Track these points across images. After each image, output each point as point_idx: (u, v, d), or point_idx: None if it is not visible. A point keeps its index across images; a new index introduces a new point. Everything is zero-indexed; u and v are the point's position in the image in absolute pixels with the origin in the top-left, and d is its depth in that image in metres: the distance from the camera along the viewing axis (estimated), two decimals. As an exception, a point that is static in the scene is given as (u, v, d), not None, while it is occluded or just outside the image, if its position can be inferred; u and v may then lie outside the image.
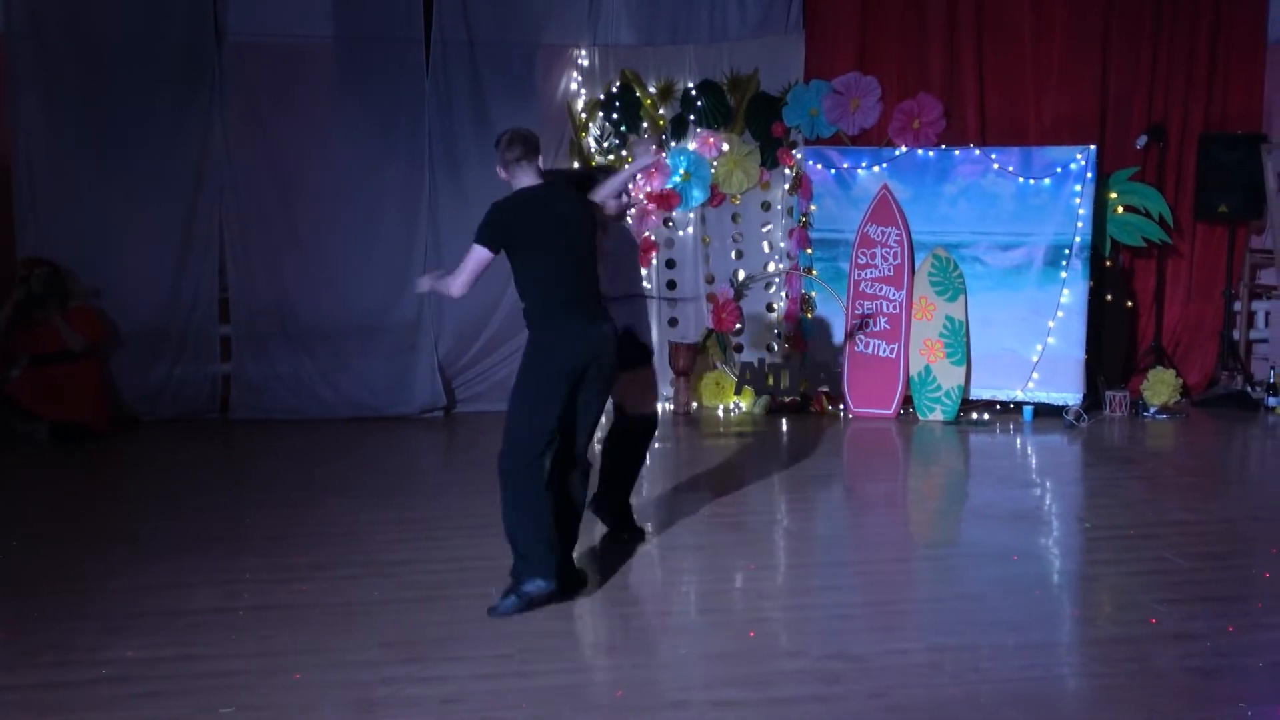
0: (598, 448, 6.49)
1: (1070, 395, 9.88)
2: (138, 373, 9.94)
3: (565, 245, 5.48)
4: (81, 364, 9.39)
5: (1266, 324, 10.94)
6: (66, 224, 9.71)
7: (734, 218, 10.71)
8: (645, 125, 10.51)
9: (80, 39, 9.70)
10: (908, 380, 10.00)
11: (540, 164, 5.70)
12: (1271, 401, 10.09)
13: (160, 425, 9.79)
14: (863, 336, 10.06)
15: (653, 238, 10.57)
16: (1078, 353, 9.93)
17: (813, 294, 10.49)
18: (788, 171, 10.57)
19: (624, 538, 6.41)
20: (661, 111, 10.55)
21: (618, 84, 10.50)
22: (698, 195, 10.51)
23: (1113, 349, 10.66)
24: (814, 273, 10.44)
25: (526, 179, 5.61)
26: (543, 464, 5.33)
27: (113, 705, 4.31)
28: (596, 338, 5.46)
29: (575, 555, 5.77)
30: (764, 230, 10.68)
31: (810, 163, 10.42)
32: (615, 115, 10.46)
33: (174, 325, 10.04)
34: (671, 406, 10.46)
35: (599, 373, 5.48)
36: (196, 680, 4.52)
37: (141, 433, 9.60)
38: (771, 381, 10.28)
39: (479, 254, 5.49)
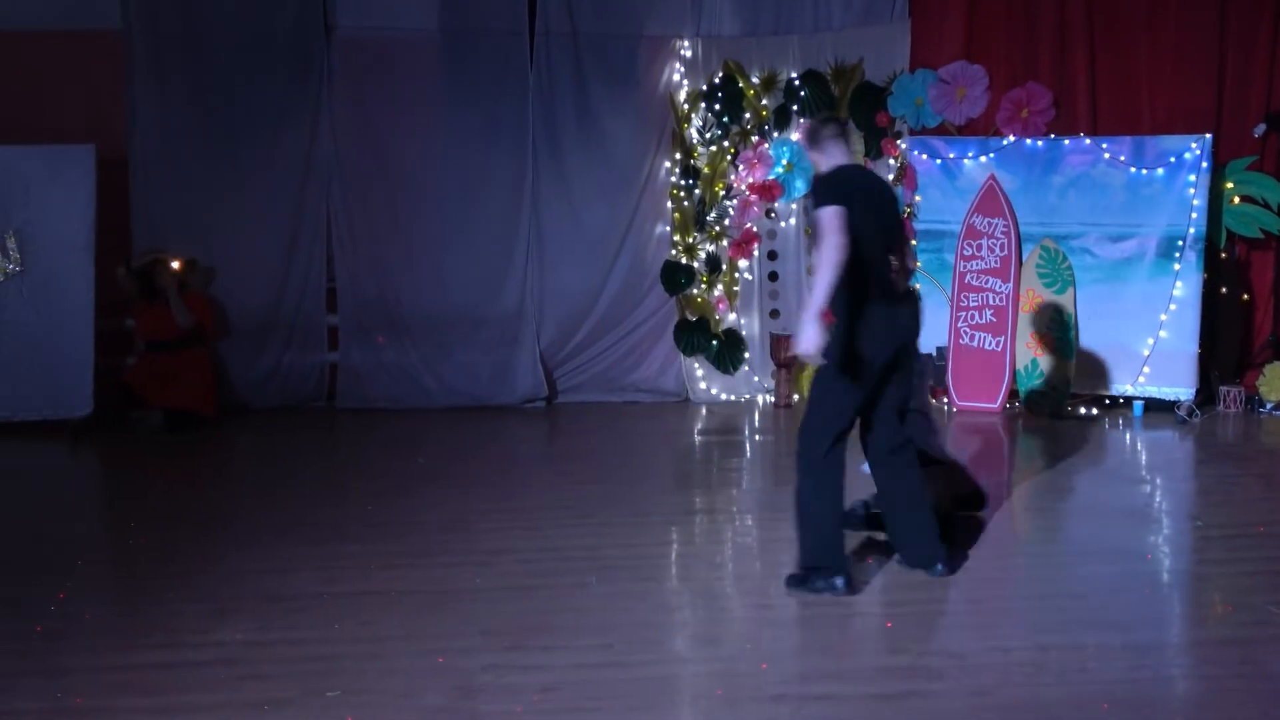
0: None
1: (1182, 390, 9.65)
2: (247, 361, 10.15)
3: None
4: (194, 352, 9.63)
5: (1390, 318, 10.58)
6: (179, 215, 9.95)
7: (837, 209, 10.59)
8: (748, 116, 10.47)
9: (194, 35, 9.94)
10: (1014, 373, 9.84)
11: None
12: (1395, 398, 9.77)
13: (268, 413, 9.99)
14: (967, 329, 9.92)
15: (754, 229, 10.52)
16: (1191, 347, 9.69)
17: (917, 286, 10.34)
18: (892, 162, 10.44)
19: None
20: (764, 102, 10.49)
21: (720, 75, 10.46)
22: (800, 186, 10.44)
23: (1227, 343, 10.38)
24: (918, 264, 10.30)
25: (841, 157, 5.54)
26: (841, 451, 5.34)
27: (221, 686, 4.39)
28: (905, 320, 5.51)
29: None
30: (867, 221, 10.56)
31: (915, 153, 10.29)
32: (718, 106, 10.42)
33: (282, 315, 10.24)
34: (773, 399, 10.42)
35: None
36: (300, 664, 4.60)
37: (250, 420, 9.80)
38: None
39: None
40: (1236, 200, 10.05)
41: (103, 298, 9.42)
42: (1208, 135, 9.73)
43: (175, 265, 9.61)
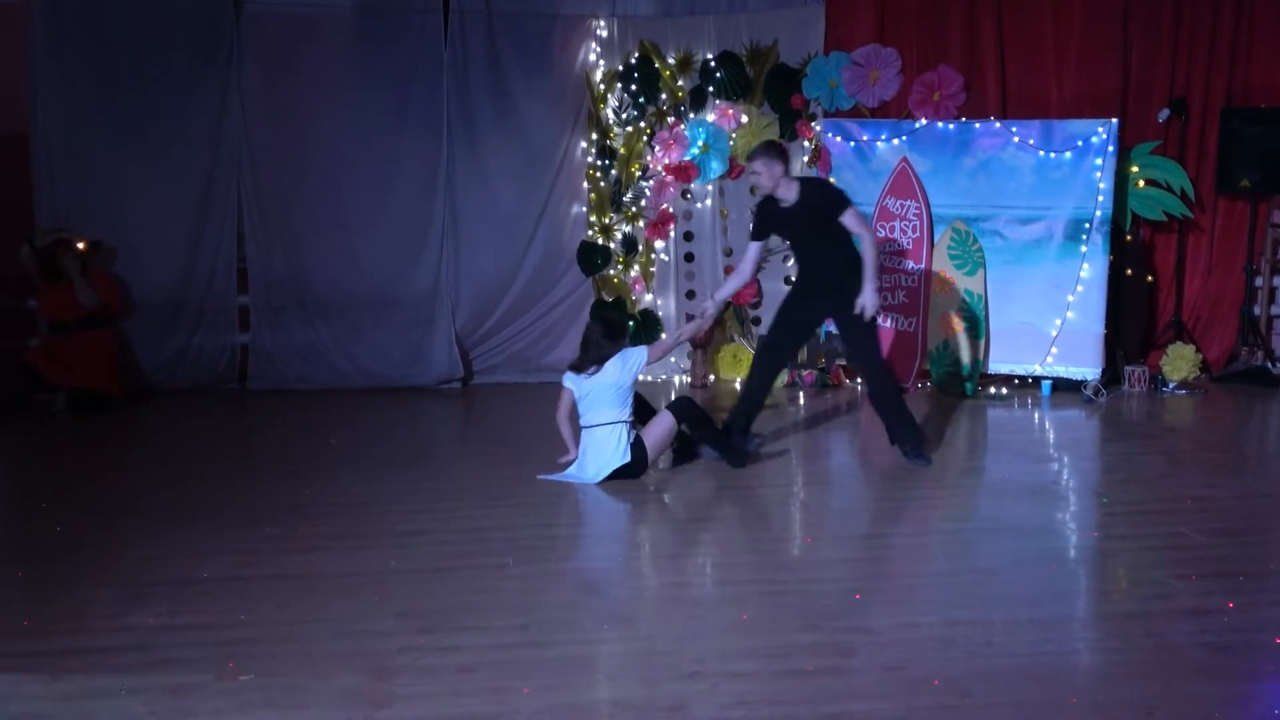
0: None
1: (1089, 370, 9.85)
2: (156, 342, 9.99)
3: None
4: (98, 332, 9.45)
5: (1288, 299, 10.90)
6: (84, 194, 9.77)
7: (752, 190, 10.65)
8: (664, 96, 10.47)
9: (98, 8, 9.73)
10: (925, 354, 9.97)
11: None
12: (1291, 377, 10.07)
13: (178, 395, 9.84)
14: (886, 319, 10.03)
15: (670, 210, 10.54)
16: (1097, 327, 9.89)
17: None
18: (807, 144, 10.52)
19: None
20: (680, 83, 10.51)
21: (636, 55, 10.46)
22: (716, 167, 10.48)
23: (1132, 324, 10.62)
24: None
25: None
26: None
27: (131, 672, 4.33)
28: None
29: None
30: (782, 203, 10.63)
31: (829, 135, 10.37)
32: (634, 87, 10.42)
33: (192, 295, 10.09)
34: (689, 379, 10.47)
35: None
36: (213, 648, 4.54)
37: (158, 402, 9.65)
38: (788, 354, 10.26)
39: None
40: (1141, 184, 10.27)
41: (4, 277, 9.20)
42: (1114, 120, 9.92)
43: (79, 245, 9.42)
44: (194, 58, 9.92)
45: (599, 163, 10.51)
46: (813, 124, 10.47)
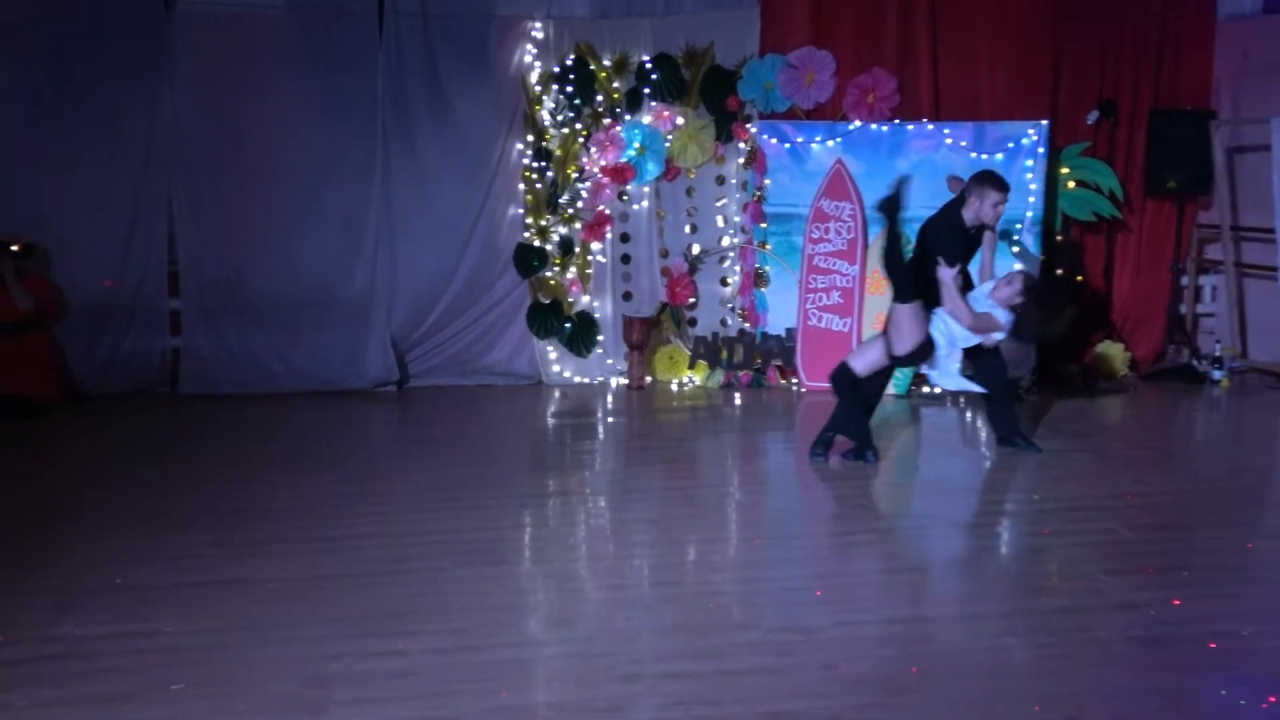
0: None
1: (1021, 369, 9.95)
2: (86, 346, 9.82)
3: None
4: (33, 337, 9.29)
5: (1213, 298, 11.08)
6: (10, 193, 9.56)
7: (688, 191, 10.70)
8: (600, 98, 10.47)
9: (24, 9, 9.53)
10: (860, 354, 10.04)
11: None
12: (1216, 374, 10.26)
13: (109, 399, 9.70)
14: (815, 310, 10.09)
15: (607, 211, 10.54)
16: (1029, 327, 9.99)
17: (766, 268, 10.50)
18: (742, 145, 10.55)
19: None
20: (616, 85, 10.51)
21: (572, 57, 10.44)
22: (652, 169, 10.49)
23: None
24: (768, 247, 10.45)
25: None
26: None
27: (61, 683, 4.28)
28: None
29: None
30: (718, 204, 10.67)
31: (765, 137, 10.41)
32: (570, 88, 10.40)
33: (122, 298, 9.93)
34: (625, 380, 10.47)
35: None
36: (146, 656, 4.50)
37: (89, 407, 9.50)
38: (725, 355, 10.31)
39: None
40: (1071, 185, 10.41)
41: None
42: (1044, 121, 10.04)
43: (13, 248, 9.26)
44: (124, 58, 9.75)
45: (535, 164, 10.48)
46: (748, 126, 10.51)
